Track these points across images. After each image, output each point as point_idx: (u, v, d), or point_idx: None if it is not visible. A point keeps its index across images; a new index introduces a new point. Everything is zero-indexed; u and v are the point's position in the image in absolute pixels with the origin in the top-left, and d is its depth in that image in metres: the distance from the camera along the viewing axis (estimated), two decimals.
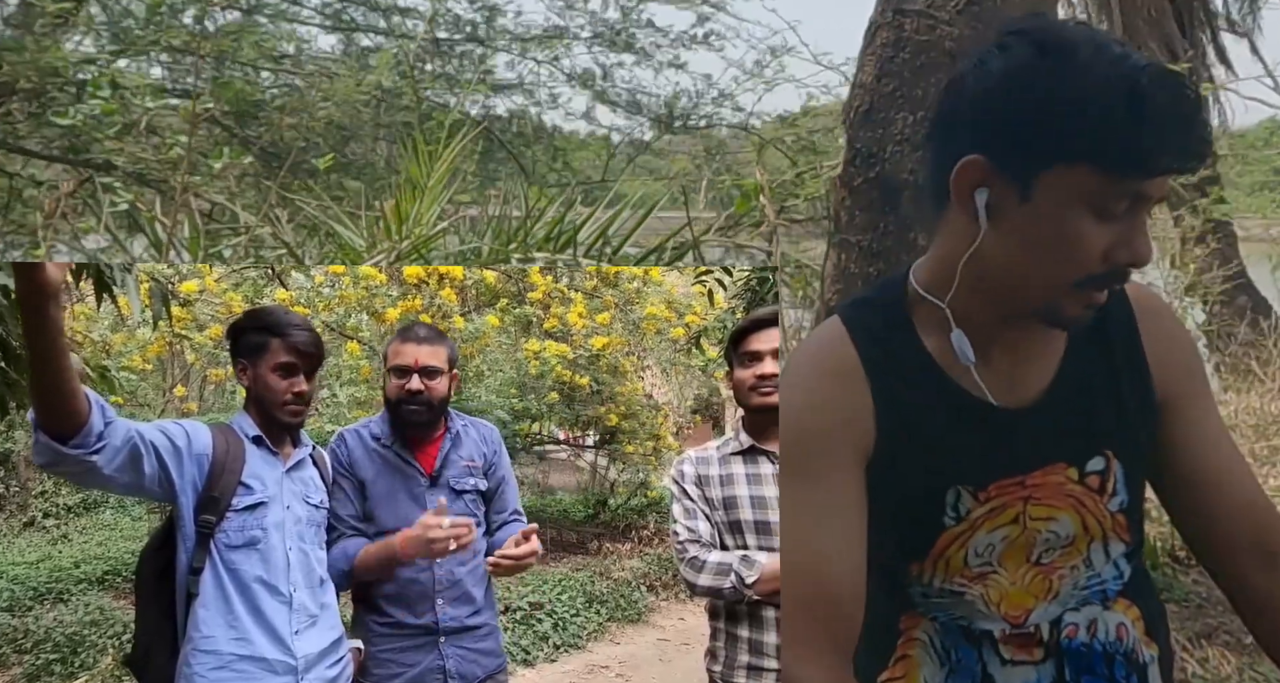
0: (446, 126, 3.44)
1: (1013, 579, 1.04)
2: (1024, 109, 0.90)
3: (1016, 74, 0.90)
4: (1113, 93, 0.86)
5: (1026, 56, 0.90)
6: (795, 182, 4.04)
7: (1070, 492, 1.03)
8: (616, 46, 6.11)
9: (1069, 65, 0.88)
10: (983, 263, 0.96)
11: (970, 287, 0.99)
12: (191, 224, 2.77)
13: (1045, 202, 0.91)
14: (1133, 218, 0.91)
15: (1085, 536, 1.04)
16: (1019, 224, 0.93)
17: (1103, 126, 0.86)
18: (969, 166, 0.93)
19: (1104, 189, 0.88)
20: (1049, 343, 1.04)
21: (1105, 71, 0.87)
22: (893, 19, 2.58)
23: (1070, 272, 0.92)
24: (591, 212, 2.93)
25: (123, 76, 3.99)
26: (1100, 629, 1.06)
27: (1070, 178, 0.89)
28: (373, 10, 5.62)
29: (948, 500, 1.02)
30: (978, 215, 0.94)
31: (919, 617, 1.09)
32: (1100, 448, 1.03)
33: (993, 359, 1.02)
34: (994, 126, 0.92)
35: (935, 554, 1.04)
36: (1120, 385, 1.04)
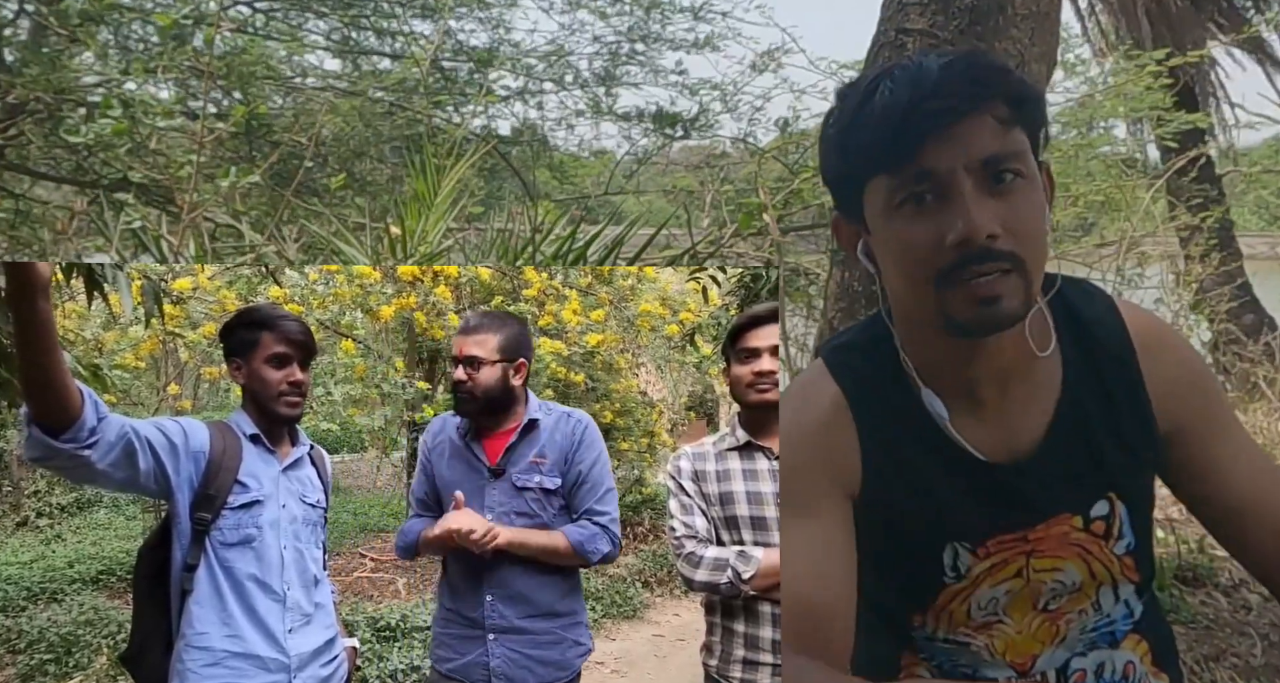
0: (456, 143, 3.47)
1: (1019, 628, 1.02)
2: (826, 155, 0.98)
3: (825, 124, 0.99)
4: (854, 106, 0.92)
5: (832, 109, 0.98)
6: (794, 192, 4.06)
7: (1075, 540, 1.00)
8: (619, 59, 6.16)
9: (841, 101, 0.96)
10: (892, 302, 1.01)
11: (903, 331, 1.01)
12: (197, 243, 2.79)
13: (870, 223, 0.96)
14: (944, 203, 0.89)
15: (1093, 581, 1.02)
16: (879, 252, 0.97)
17: (855, 138, 0.93)
18: (834, 227, 1.02)
19: (890, 188, 0.92)
20: (1041, 386, 1.00)
21: (852, 91, 0.94)
22: (895, 38, 2.59)
23: (926, 270, 0.90)
24: (599, 229, 2.94)
25: (133, 96, 4.03)
26: (1108, 671, 1.04)
27: (867, 193, 0.94)
28: (379, 35, 5.68)
29: (945, 560, 0.99)
30: (869, 261, 0.99)
31: (921, 661, 1.07)
32: (1103, 492, 1.00)
33: (985, 403, 0.99)
34: (828, 180, 1.00)
35: (937, 608, 1.02)
36: (1120, 424, 1.00)
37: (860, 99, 0.91)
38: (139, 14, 4.56)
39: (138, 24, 4.91)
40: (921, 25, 2.55)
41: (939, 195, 0.89)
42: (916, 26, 2.56)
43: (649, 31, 6.14)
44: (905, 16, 2.58)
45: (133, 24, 4.87)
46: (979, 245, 0.87)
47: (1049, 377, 0.99)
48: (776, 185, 4.27)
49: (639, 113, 6.30)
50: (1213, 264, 5.45)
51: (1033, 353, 0.96)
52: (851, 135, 0.92)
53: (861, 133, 0.91)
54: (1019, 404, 0.99)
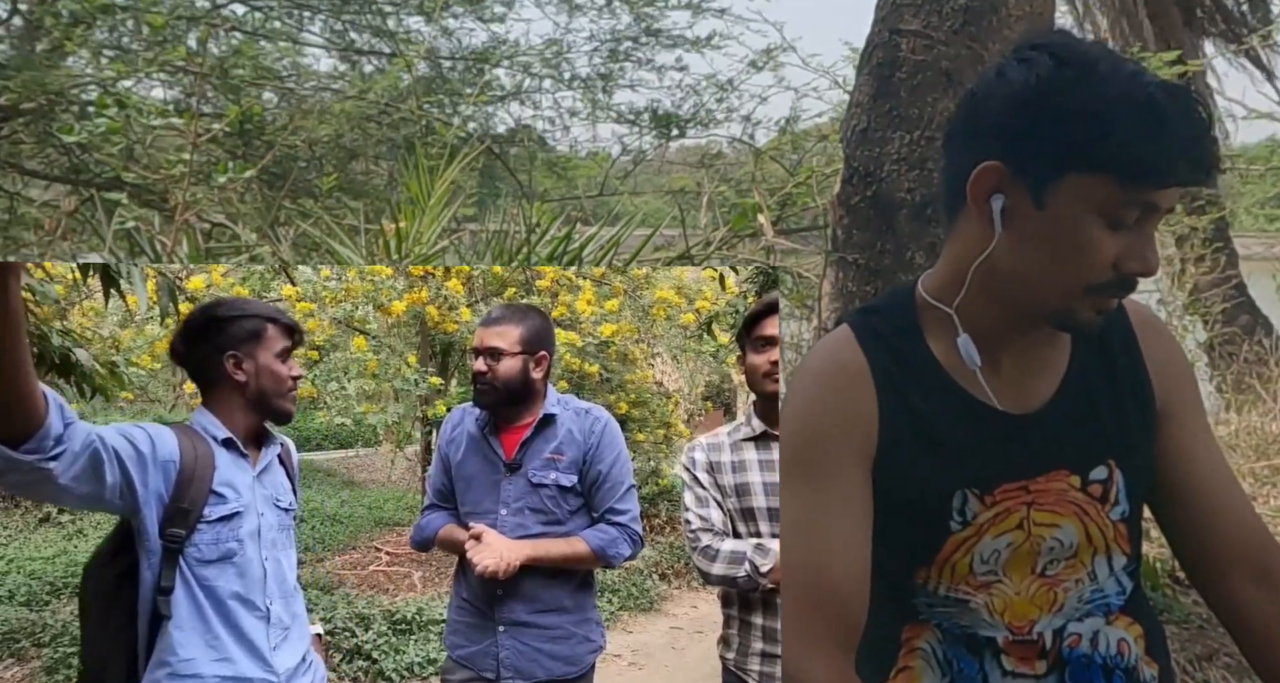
0: (448, 144, 3.46)
1: (1017, 590, 1.05)
2: (1043, 118, 0.92)
3: (1037, 84, 0.93)
4: (1129, 105, 0.89)
5: (1047, 68, 0.93)
6: (791, 193, 4.05)
7: (1073, 499, 1.04)
8: (617, 56, 6.14)
9: (1088, 78, 0.91)
10: (995, 268, 0.99)
11: (980, 292, 1.01)
12: (191, 243, 2.78)
13: (1059, 209, 0.93)
14: (1142, 228, 0.94)
15: (1089, 546, 1.05)
16: (1033, 230, 0.95)
17: (1118, 138, 0.89)
18: (986, 172, 0.96)
19: (1116, 199, 0.91)
20: (1054, 353, 1.06)
21: (1122, 85, 0.90)
22: (889, 39, 2.59)
23: (1081, 278, 0.95)
24: (595, 230, 2.93)
25: (127, 96, 4.01)
26: (1102, 643, 1.07)
27: (1085, 187, 0.92)
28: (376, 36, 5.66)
29: (954, 504, 1.03)
30: (993, 221, 0.96)
31: (921, 627, 1.09)
32: (1103, 457, 1.05)
33: (1001, 366, 1.04)
34: (1012, 134, 0.94)
35: (942, 560, 1.05)
36: (1122, 397, 1.06)
37: (1150, 102, 0.88)
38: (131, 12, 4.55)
39: (131, 24, 4.90)
40: (915, 26, 2.55)
41: (1139, 225, 0.93)
42: (910, 27, 2.56)
43: (646, 28, 6.13)
44: (899, 17, 2.58)
45: (126, 23, 4.86)
46: (1137, 278, 0.95)
47: (1061, 348, 1.07)
48: (775, 186, 4.27)
49: (635, 112, 6.29)
50: (1207, 266, 5.45)
51: (1054, 330, 1.04)
52: (1133, 131, 0.89)
53: (1155, 138, 0.88)
54: (1033, 368, 1.05)
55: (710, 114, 5.98)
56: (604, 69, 6.17)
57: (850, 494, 1.01)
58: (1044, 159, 0.93)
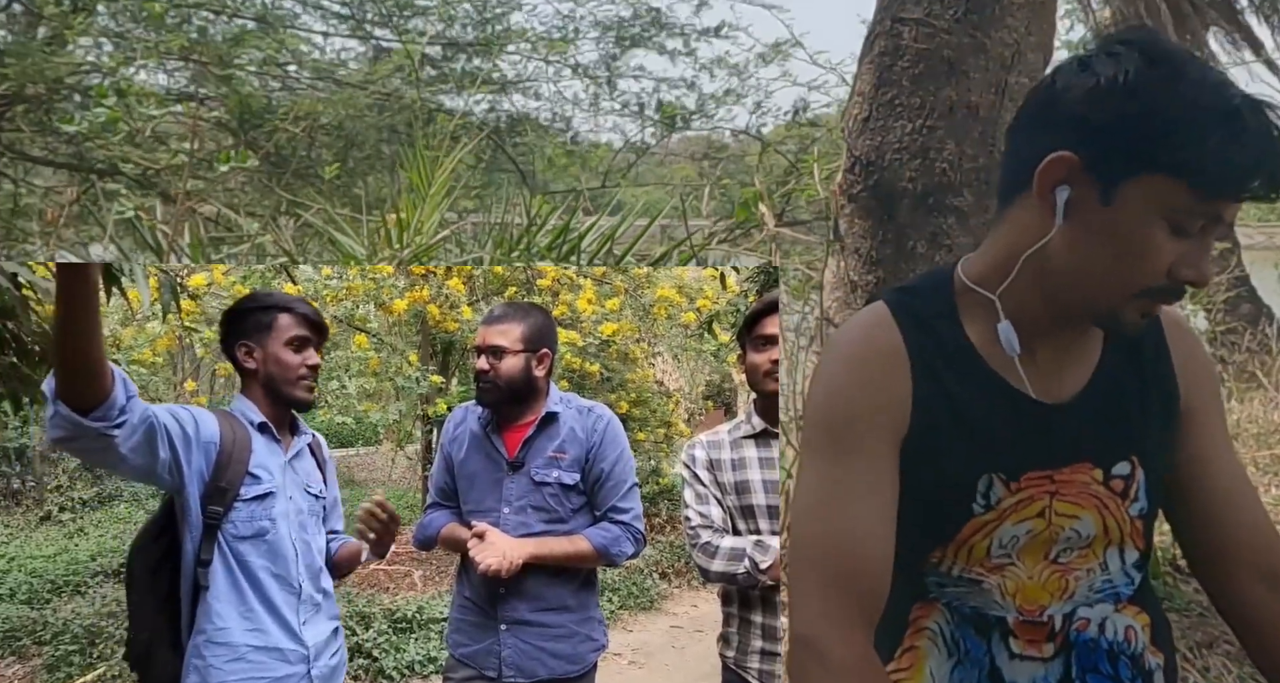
0: (447, 135, 3.45)
1: (1029, 574, 1.05)
2: (1127, 115, 0.91)
3: (1124, 81, 0.91)
4: (1215, 114, 0.88)
5: (1136, 65, 0.91)
6: (795, 186, 4.04)
7: (1094, 492, 1.04)
8: (623, 44, 6.12)
9: (1178, 81, 0.90)
10: (1047, 260, 0.98)
11: (1028, 281, 1.00)
12: (193, 231, 2.78)
13: (1127, 208, 0.92)
14: (1203, 238, 0.93)
15: (1105, 538, 1.06)
16: (1096, 226, 0.94)
17: (1201, 145, 0.88)
18: (1056, 162, 0.94)
19: (1186, 206, 0.90)
20: (1088, 345, 1.06)
21: (1210, 93, 0.89)
22: (891, 27, 2.58)
23: (1135, 280, 0.94)
24: (594, 220, 2.93)
25: (128, 83, 4.00)
26: (1110, 629, 1.07)
27: (1157, 189, 0.90)
28: (380, 25, 5.64)
29: (980, 488, 1.03)
30: (1054, 211, 0.95)
31: (929, 606, 1.09)
32: (1127, 453, 1.05)
33: (1036, 355, 1.04)
34: (1091, 128, 0.93)
35: (960, 541, 1.05)
36: (1149, 394, 1.06)
37: (1236, 113, 0.88)
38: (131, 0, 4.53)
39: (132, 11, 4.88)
40: (918, 15, 2.54)
41: (1201, 233, 0.92)
42: (913, 16, 2.54)
43: (653, 18, 6.10)
44: (901, 5, 2.57)
45: (127, 10, 4.84)
46: (1188, 287, 0.95)
47: (1093, 340, 1.07)
48: (780, 180, 4.26)
49: (639, 102, 6.27)
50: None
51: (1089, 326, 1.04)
52: (1217, 140, 0.88)
53: (1236, 151, 0.88)
54: (1067, 359, 1.05)
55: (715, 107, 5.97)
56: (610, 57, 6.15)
57: (881, 474, 1.00)
58: (1121, 156, 0.91)
